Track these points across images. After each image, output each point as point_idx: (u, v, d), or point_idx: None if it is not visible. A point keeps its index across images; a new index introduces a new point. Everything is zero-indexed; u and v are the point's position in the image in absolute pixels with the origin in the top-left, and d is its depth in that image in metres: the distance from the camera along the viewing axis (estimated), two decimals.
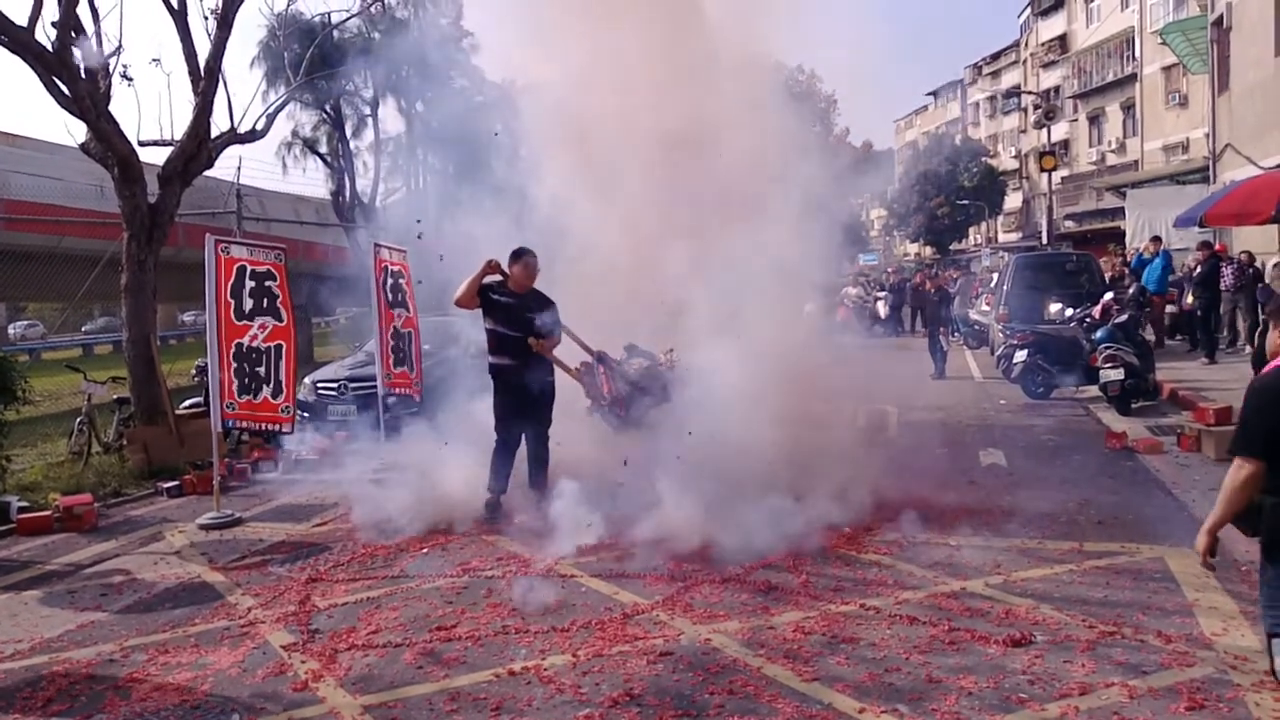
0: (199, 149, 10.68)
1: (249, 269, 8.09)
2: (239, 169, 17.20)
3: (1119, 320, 11.72)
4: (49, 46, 9.32)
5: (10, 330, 38.55)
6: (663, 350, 8.19)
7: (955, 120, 64.11)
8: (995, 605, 5.07)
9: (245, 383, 8.06)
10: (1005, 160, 54.50)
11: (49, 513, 7.85)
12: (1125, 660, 4.30)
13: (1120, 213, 27.75)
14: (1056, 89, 45.72)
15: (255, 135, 11.71)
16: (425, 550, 6.57)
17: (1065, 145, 43.51)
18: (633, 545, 6.23)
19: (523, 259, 7.22)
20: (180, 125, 10.74)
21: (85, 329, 43.93)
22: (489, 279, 7.21)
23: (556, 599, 5.39)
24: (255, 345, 8.11)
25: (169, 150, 10.69)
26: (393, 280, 9.35)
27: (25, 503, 8.15)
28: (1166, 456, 8.80)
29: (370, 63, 22.82)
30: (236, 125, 11.46)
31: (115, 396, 10.84)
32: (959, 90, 64.35)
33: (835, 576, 5.66)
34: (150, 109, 48.67)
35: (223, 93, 10.82)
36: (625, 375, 7.82)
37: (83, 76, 9.64)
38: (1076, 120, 43.10)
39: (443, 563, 6.27)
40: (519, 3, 9.81)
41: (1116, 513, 6.91)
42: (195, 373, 13.13)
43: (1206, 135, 22.06)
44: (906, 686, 4.13)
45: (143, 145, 10.66)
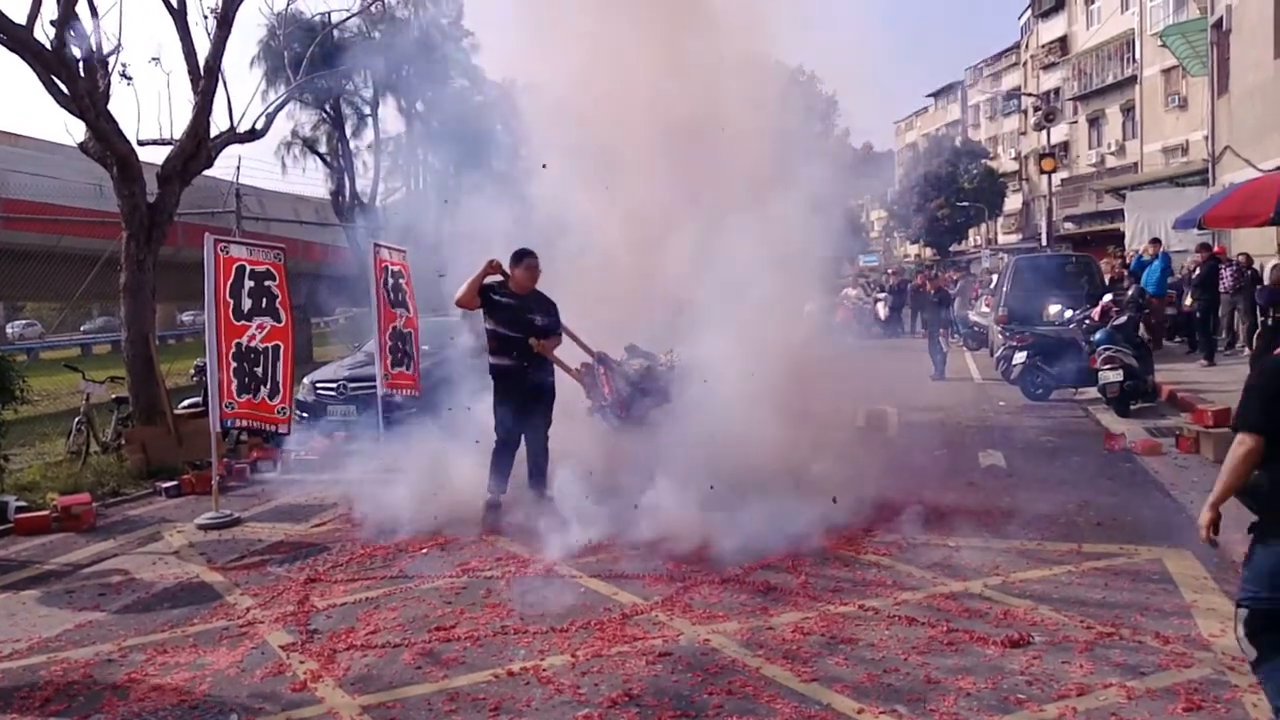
0: (198, 148, 10.66)
1: (248, 268, 8.09)
2: (238, 168, 17.17)
3: (1118, 322, 11.72)
4: (48, 45, 9.32)
5: (8, 330, 38.50)
6: (663, 351, 8.19)
7: (955, 122, 64.14)
8: (994, 606, 5.07)
9: (245, 382, 8.05)
10: (1005, 162, 54.53)
11: (47, 512, 7.85)
12: (1123, 661, 4.31)
13: (1120, 215, 27.75)
14: (1056, 91, 45.72)
15: (255, 135, 11.70)
16: (424, 550, 6.57)
17: (1065, 147, 43.50)
18: (632, 546, 6.23)
19: (525, 261, 7.22)
20: (179, 124, 10.74)
21: (84, 328, 43.88)
22: (490, 279, 7.21)
23: (555, 599, 5.39)
24: (254, 345, 8.11)
25: (168, 149, 10.68)
26: (393, 280, 9.35)
27: (23, 502, 8.14)
28: (1165, 458, 8.81)
29: (370, 62, 22.83)
30: (236, 124, 11.45)
31: (114, 396, 10.82)
32: (959, 92, 64.38)
33: (834, 577, 5.66)
34: (149, 108, 48.51)
35: (222, 92, 10.82)
36: (625, 376, 7.82)
37: (82, 75, 9.63)
38: (1076, 122, 43.10)
39: (442, 563, 6.27)
40: (521, 2, 9.81)
41: (1115, 514, 6.92)
42: (194, 373, 13.14)
43: (1206, 138, 22.06)
44: (905, 687, 4.13)
45: (142, 144, 10.65)
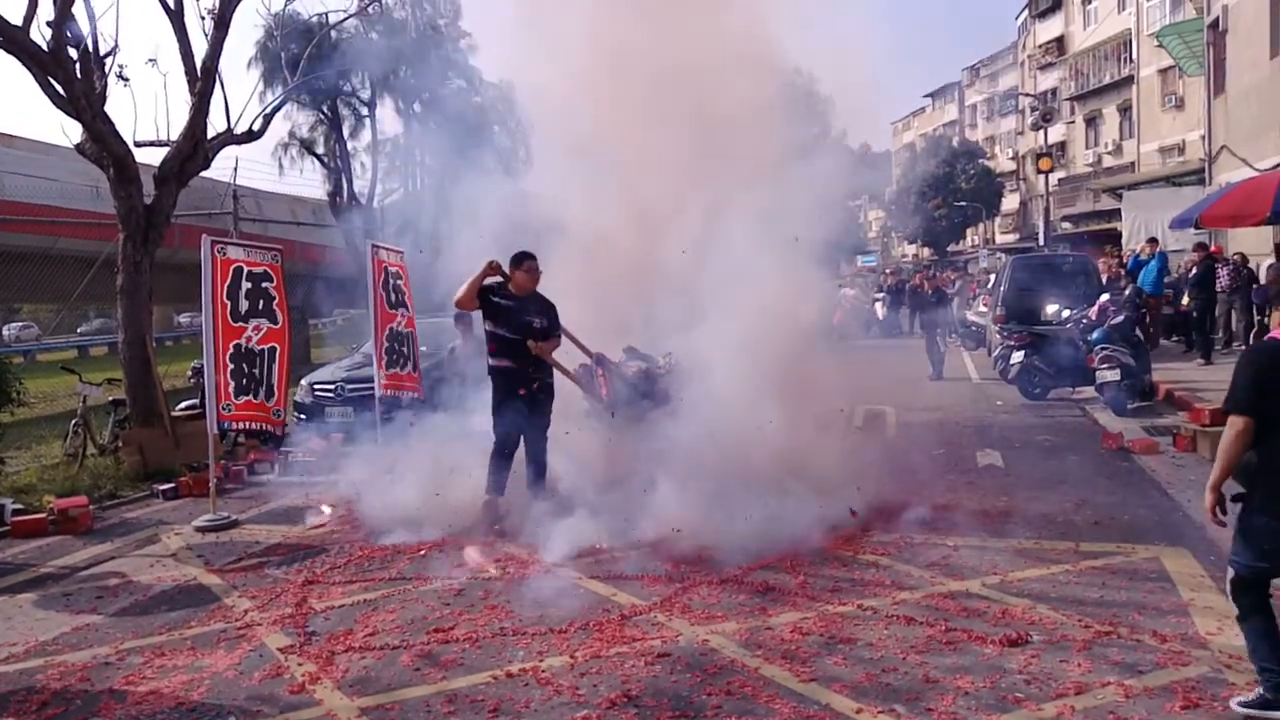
0: (195, 149, 10.65)
1: (245, 270, 8.08)
2: (235, 170, 17.20)
3: (1115, 321, 11.73)
4: (44, 46, 9.31)
5: (5, 332, 38.39)
6: (661, 354, 8.19)
7: (953, 122, 64.18)
8: (992, 605, 5.08)
9: (242, 384, 8.04)
10: (1002, 162, 54.59)
11: (44, 515, 7.83)
12: (1121, 660, 4.31)
13: (1117, 214, 27.77)
14: (1053, 91, 45.77)
15: (252, 136, 11.69)
16: (423, 552, 6.56)
17: (1062, 147, 43.54)
18: (630, 547, 6.23)
19: (525, 263, 7.20)
20: (176, 125, 10.73)
21: (80, 330, 43.78)
22: (490, 280, 7.21)
23: (554, 601, 5.39)
24: (251, 347, 8.10)
25: (165, 151, 10.67)
26: (392, 281, 9.33)
27: (20, 505, 8.13)
28: (1162, 457, 8.82)
29: (367, 63, 22.81)
30: (233, 126, 11.44)
31: (111, 398, 10.81)
32: (956, 92, 64.44)
33: (832, 577, 5.67)
34: (146, 109, 48.69)
35: (219, 93, 10.85)
36: (624, 377, 7.82)
37: (78, 76, 9.62)
38: (1073, 122, 43.15)
39: (440, 564, 6.26)
40: (520, 2, 9.82)
41: (1113, 513, 6.93)
42: (191, 374, 13.14)
43: (1202, 137, 22.08)
44: (904, 686, 4.13)
45: (139, 146, 10.66)
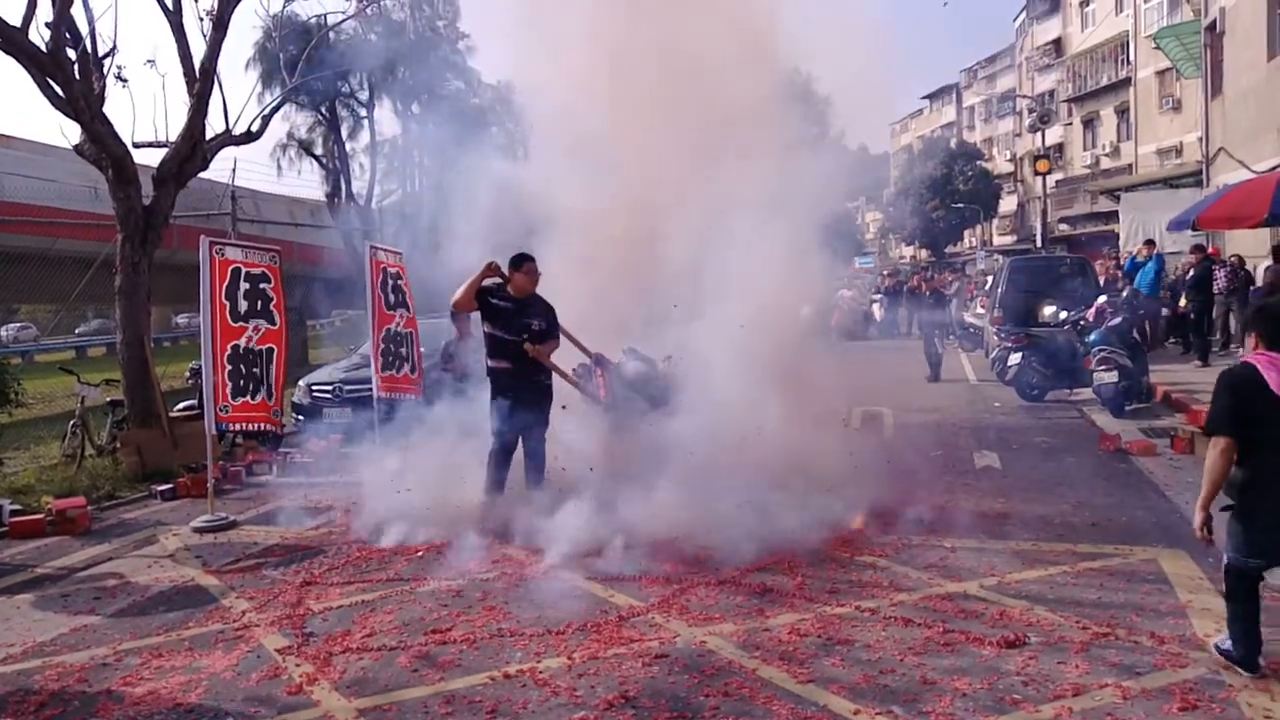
0: (194, 150, 10.65)
1: (243, 271, 8.09)
2: (234, 171, 17.20)
3: (1113, 323, 11.75)
4: (43, 47, 9.31)
5: (3, 332, 38.30)
6: (661, 355, 8.18)
7: (950, 124, 64.27)
8: (989, 607, 5.08)
9: (240, 384, 8.05)
10: (1000, 163, 54.66)
11: (42, 516, 7.83)
12: (1119, 661, 4.32)
13: (1114, 216, 27.82)
14: (1051, 93, 45.88)
15: (250, 137, 11.69)
16: (420, 553, 6.56)
17: (1060, 149, 43.62)
18: (628, 547, 6.22)
19: (524, 266, 7.20)
20: (175, 127, 10.72)
21: (79, 331, 43.73)
22: (488, 281, 7.21)
23: (552, 602, 5.39)
24: (250, 347, 8.11)
25: (163, 152, 10.67)
26: (391, 282, 9.33)
27: (18, 506, 8.12)
28: (1160, 459, 8.83)
29: (366, 64, 22.82)
30: (231, 127, 11.44)
31: (109, 399, 10.81)
32: (954, 94, 64.51)
33: (830, 578, 5.67)
34: (145, 110, 48.67)
35: (218, 94, 10.80)
36: (623, 378, 7.82)
37: (77, 78, 9.62)
38: (1071, 124, 43.23)
39: (438, 565, 6.26)
40: (520, 2, 9.83)
41: (1110, 515, 6.93)
42: (189, 375, 13.12)
43: (1200, 139, 22.12)
44: (901, 688, 4.13)
45: (137, 147, 10.66)
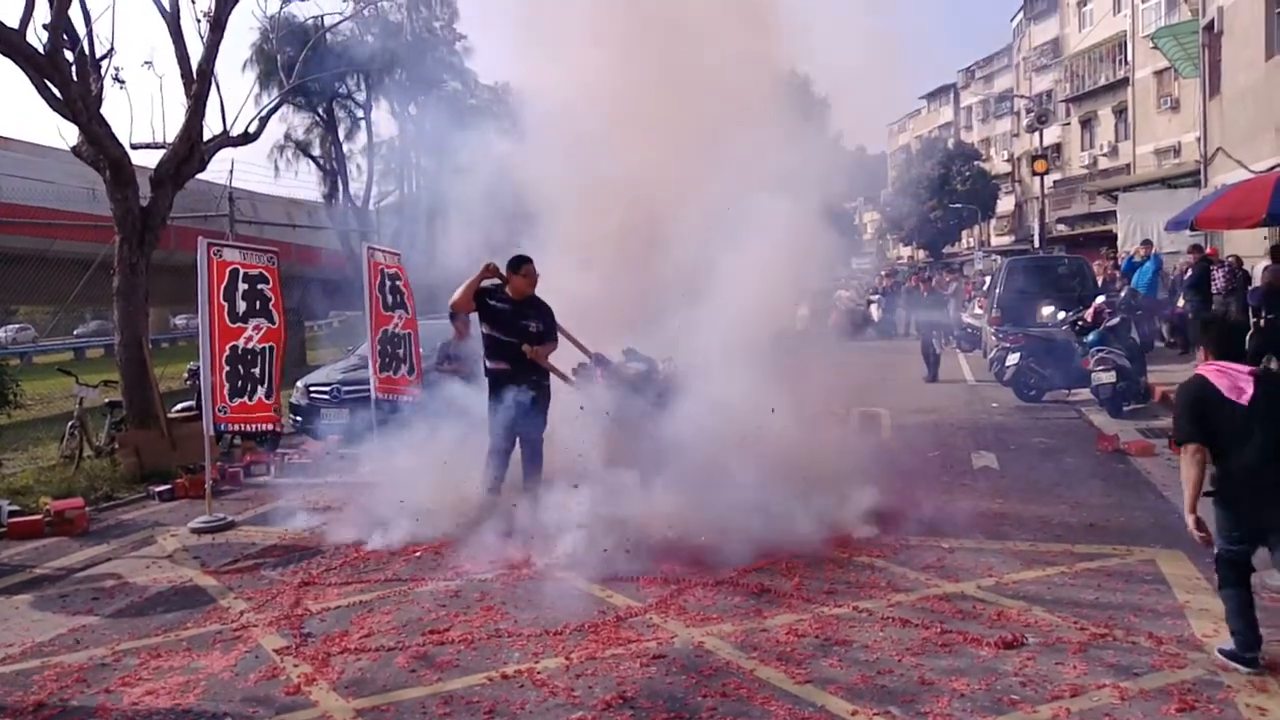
0: (191, 151, 10.65)
1: (241, 272, 8.09)
2: (231, 172, 17.18)
3: (1111, 323, 11.76)
4: (41, 49, 9.30)
5: (1, 334, 38.36)
6: (661, 357, 8.18)
7: (948, 124, 64.29)
8: (987, 607, 5.09)
9: (238, 385, 8.05)
10: (998, 164, 54.68)
11: (40, 517, 7.82)
12: (1116, 662, 4.33)
13: (1112, 216, 27.85)
14: (1049, 93, 45.91)
15: (248, 138, 11.70)
16: (418, 554, 6.57)
17: (1057, 149, 43.64)
18: (626, 548, 6.22)
19: (523, 268, 7.21)
20: (172, 128, 10.78)
21: (77, 332, 43.78)
22: (487, 282, 7.21)
23: (549, 602, 5.40)
24: (250, 347, 8.11)
25: (161, 153, 10.67)
26: (390, 283, 9.33)
27: (16, 506, 8.12)
28: (1158, 459, 8.84)
29: (363, 66, 22.82)
30: (229, 128, 11.45)
31: (107, 400, 10.80)
32: (952, 94, 64.54)
33: (828, 579, 5.67)
34: (143, 112, 48.64)
35: (215, 95, 10.80)
36: (623, 378, 7.81)
37: (74, 79, 9.62)
38: (1069, 124, 43.25)
39: (436, 566, 6.27)
40: (521, 3, 9.84)
41: (1108, 515, 6.94)
42: (187, 376, 13.12)
43: (1198, 139, 22.12)
44: (899, 688, 4.14)
45: (135, 148, 10.65)
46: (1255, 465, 4.12)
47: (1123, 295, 13.98)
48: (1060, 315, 13.51)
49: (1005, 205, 54.19)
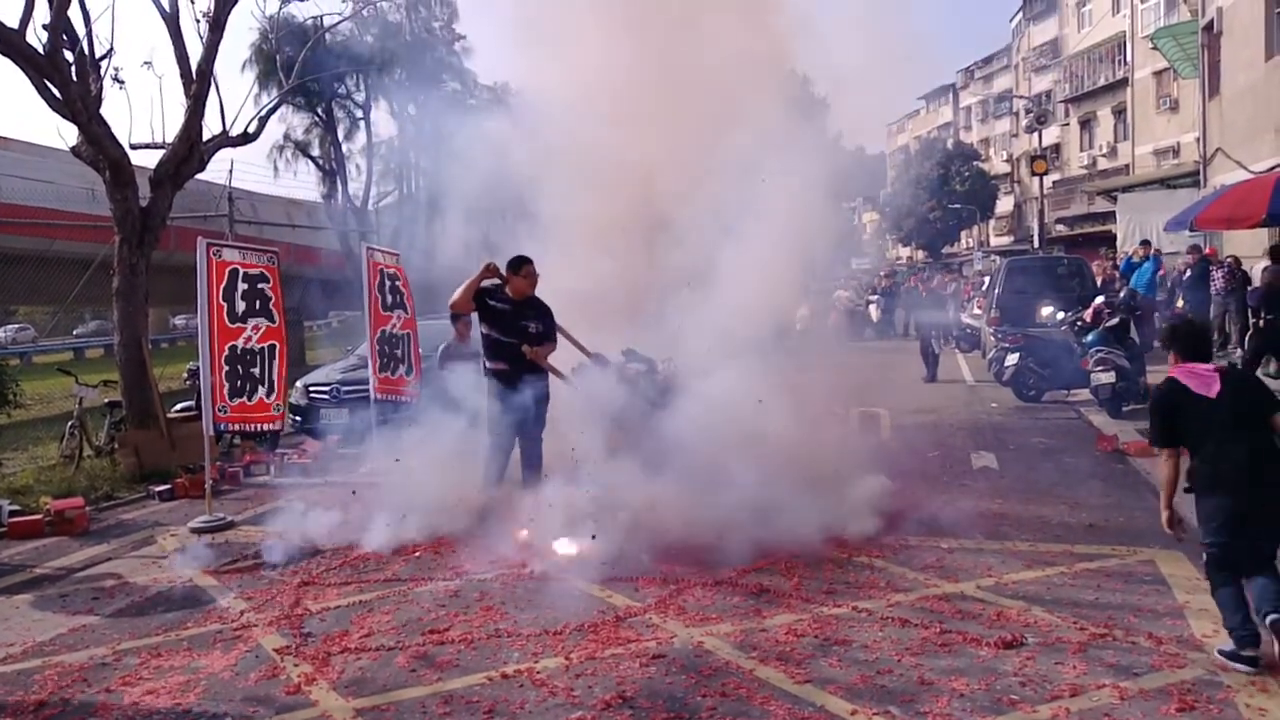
0: (190, 152, 10.64)
1: (241, 272, 8.09)
2: (231, 172, 17.16)
3: (1110, 324, 11.76)
4: (40, 49, 9.30)
5: (1, 334, 38.35)
6: (660, 357, 8.18)
7: (947, 124, 64.24)
8: (987, 607, 5.09)
9: (237, 385, 8.05)
10: (997, 164, 54.65)
11: (40, 516, 7.83)
12: (1116, 662, 4.33)
13: (1111, 216, 27.85)
14: (1048, 93, 45.89)
15: (247, 138, 11.69)
16: (418, 553, 6.57)
17: (1056, 149, 43.64)
18: (625, 548, 6.22)
19: (523, 269, 7.21)
20: (172, 128, 10.81)
21: (76, 332, 43.79)
22: (486, 283, 7.21)
23: (549, 602, 5.40)
24: (250, 347, 8.11)
25: (160, 153, 10.66)
26: (390, 283, 9.34)
27: (17, 506, 8.12)
28: (1157, 459, 8.78)
29: (362, 66, 22.82)
30: (228, 128, 11.44)
31: (107, 400, 10.80)
32: (951, 94, 64.53)
33: (827, 579, 5.67)
34: (142, 112, 48.68)
35: (214, 95, 10.80)
36: (622, 379, 7.81)
37: (74, 79, 9.62)
38: (1068, 124, 43.24)
39: (435, 566, 6.27)
40: (520, 4, 9.85)
41: (1107, 516, 6.94)
42: (187, 376, 13.11)
43: (1197, 139, 22.12)
44: (898, 688, 4.14)
45: (134, 148, 10.64)
46: (1227, 452, 4.35)
47: (1122, 296, 13.98)
48: (1059, 315, 13.51)
49: (1004, 205, 54.17)
